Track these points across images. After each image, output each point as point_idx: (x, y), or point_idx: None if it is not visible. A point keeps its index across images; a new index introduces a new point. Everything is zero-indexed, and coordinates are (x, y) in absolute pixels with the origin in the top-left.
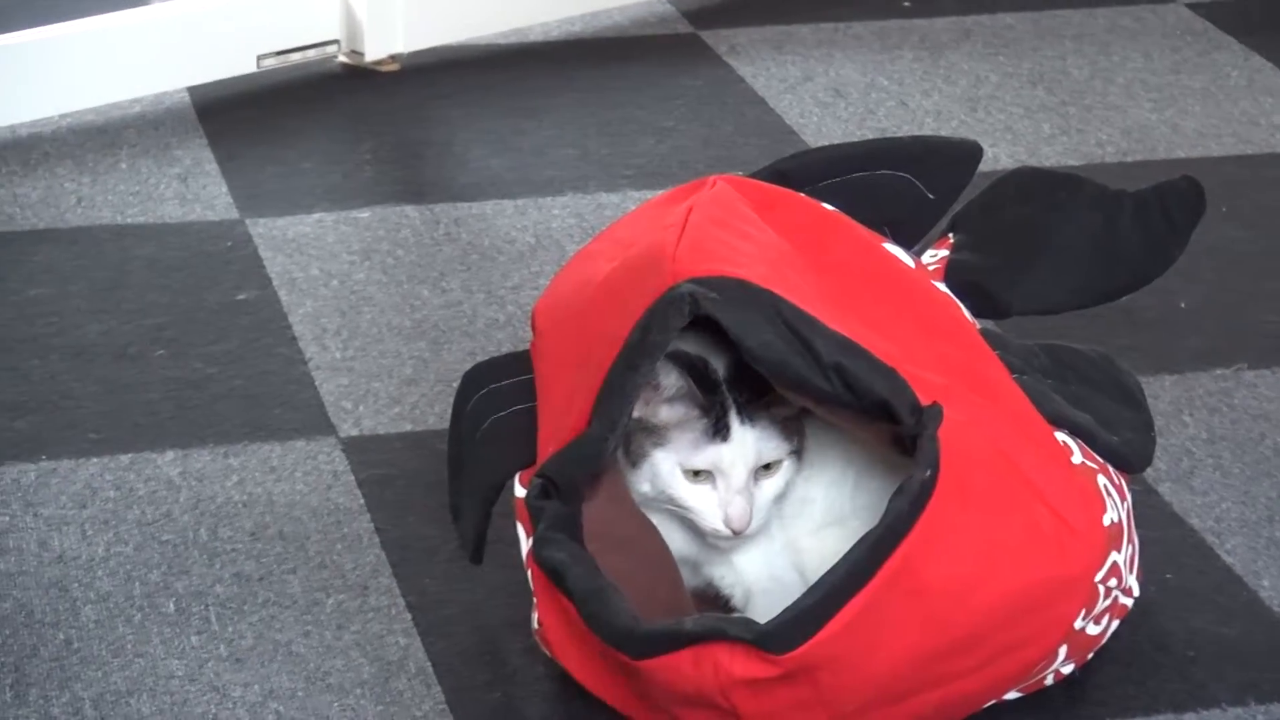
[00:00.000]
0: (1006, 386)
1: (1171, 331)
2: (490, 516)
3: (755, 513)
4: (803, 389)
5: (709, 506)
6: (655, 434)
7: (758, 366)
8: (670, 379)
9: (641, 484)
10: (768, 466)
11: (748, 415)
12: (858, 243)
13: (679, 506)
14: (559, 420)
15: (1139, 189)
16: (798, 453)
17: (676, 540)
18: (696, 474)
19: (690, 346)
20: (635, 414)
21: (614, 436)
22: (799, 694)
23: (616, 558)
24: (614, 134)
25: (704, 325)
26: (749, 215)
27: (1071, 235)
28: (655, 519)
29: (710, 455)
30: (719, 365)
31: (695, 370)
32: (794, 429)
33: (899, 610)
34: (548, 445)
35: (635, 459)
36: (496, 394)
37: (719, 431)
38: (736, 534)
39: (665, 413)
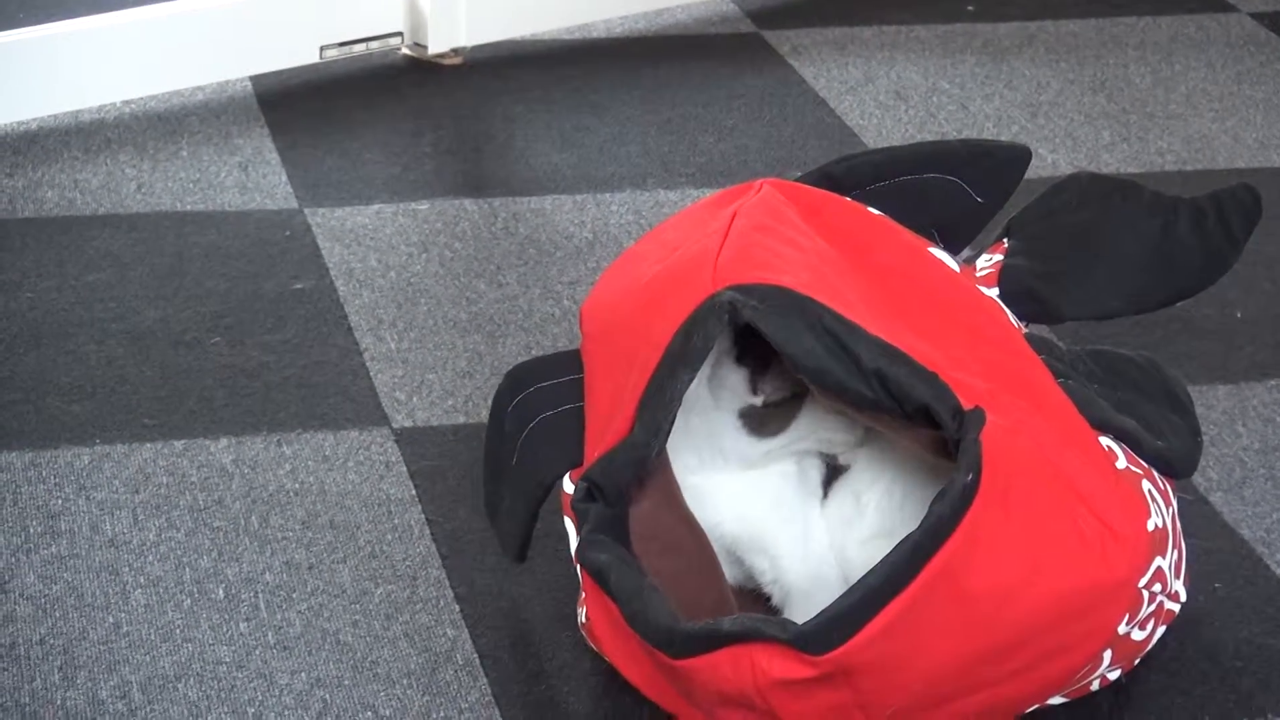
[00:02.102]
0: (1051, 391)
1: (1228, 341)
2: (538, 515)
3: None
4: (844, 395)
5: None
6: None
7: (799, 373)
8: None
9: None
10: None
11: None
12: (903, 247)
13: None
14: (604, 423)
15: (1196, 196)
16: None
17: (719, 531)
18: None
19: (730, 349)
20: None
21: (657, 442)
22: (837, 696)
23: (663, 561)
24: (675, 132)
25: (746, 329)
26: (794, 220)
27: (1127, 241)
28: (720, 486)
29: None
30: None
31: None
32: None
33: (940, 614)
34: (594, 448)
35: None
36: (546, 392)
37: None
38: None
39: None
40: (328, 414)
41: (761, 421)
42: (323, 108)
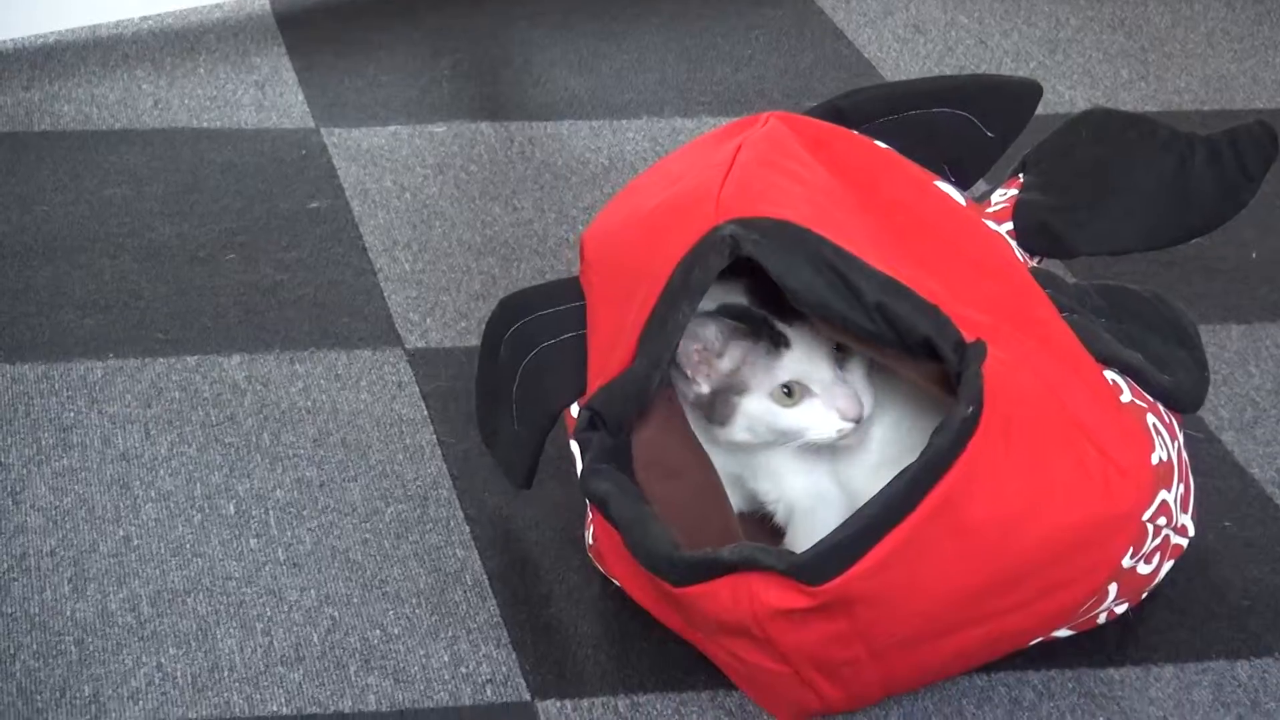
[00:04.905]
0: (1055, 325)
1: (1242, 281)
2: (544, 444)
3: (861, 394)
4: (846, 328)
5: (817, 414)
6: (731, 387)
7: (800, 307)
8: (710, 333)
9: (739, 434)
10: (842, 350)
11: (793, 317)
12: (909, 181)
13: (790, 434)
14: (606, 353)
15: (1211, 133)
16: None
17: (720, 456)
18: (790, 394)
19: (721, 287)
20: (703, 388)
21: (658, 373)
22: (835, 627)
23: (668, 487)
24: (693, 60)
25: (740, 264)
26: (799, 154)
27: (1142, 177)
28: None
29: (787, 364)
30: (739, 296)
31: (724, 310)
32: None
33: (940, 547)
34: (596, 378)
35: (724, 418)
36: (545, 320)
37: (779, 343)
38: (858, 421)
39: (726, 363)
40: (341, 333)
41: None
42: (340, 28)
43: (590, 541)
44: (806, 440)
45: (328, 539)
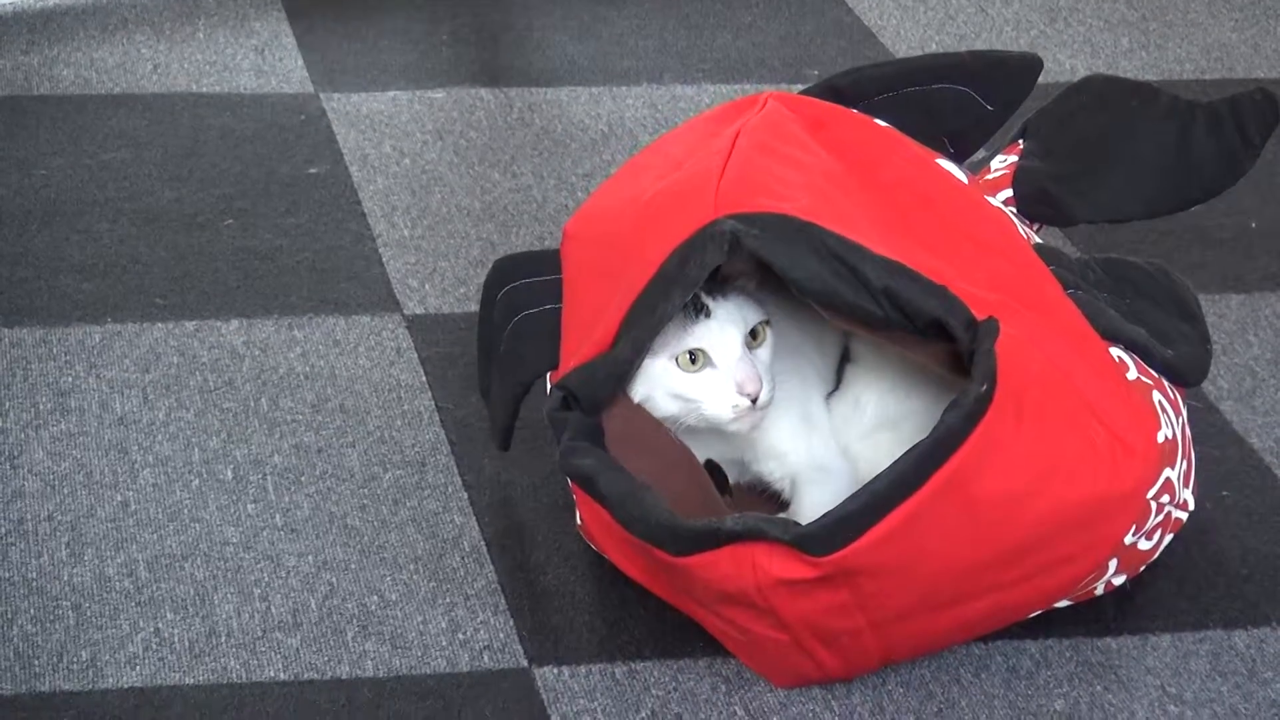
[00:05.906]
0: (1060, 302)
1: (1242, 251)
2: (519, 411)
3: (762, 377)
4: (853, 315)
5: (715, 386)
6: None
7: (806, 298)
8: None
9: (637, 397)
10: (754, 335)
11: (719, 292)
12: (911, 160)
13: (687, 403)
14: (585, 332)
15: (1212, 100)
16: (770, 323)
17: (719, 443)
18: (694, 362)
19: None
20: None
21: (640, 358)
22: (838, 598)
23: (642, 461)
24: (693, 27)
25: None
26: (799, 137)
27: (1143, 145)
28: (686, 438)
29: (699, 332)
30: None
31: None
32: (760, 298)
33: (947, 521)
34: (571, 356)
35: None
36: (528, 289)
37: (700, 311)
38: (754, 402)
39: None
40: (339, 299)
41: None
42: None
43: (579, 522)
44: (702, 415)
45: (325, 505)
